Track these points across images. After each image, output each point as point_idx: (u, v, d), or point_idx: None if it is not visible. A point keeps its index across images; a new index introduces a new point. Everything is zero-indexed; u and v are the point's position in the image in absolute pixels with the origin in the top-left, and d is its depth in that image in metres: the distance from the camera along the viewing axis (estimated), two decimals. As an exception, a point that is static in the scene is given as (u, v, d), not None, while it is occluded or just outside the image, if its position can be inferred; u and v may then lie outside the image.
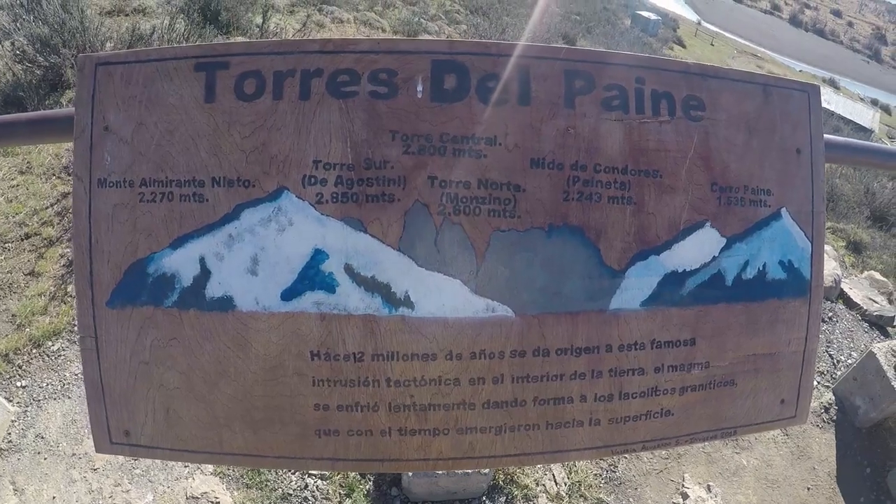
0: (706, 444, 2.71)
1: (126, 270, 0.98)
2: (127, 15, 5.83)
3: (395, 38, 2.22)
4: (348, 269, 0.96)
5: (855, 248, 4.96)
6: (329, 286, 0.96)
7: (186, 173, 0.97)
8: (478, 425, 1.04)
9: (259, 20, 5.39)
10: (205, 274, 0.96)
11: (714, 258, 1.08)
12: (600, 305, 1.02)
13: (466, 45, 0.96)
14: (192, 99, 0.98)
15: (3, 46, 4.37)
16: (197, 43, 4.49)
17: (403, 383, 1.00)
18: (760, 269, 1.13)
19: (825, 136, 1.25)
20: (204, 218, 0.96)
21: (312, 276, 0.96)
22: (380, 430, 1.02)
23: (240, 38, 5.20)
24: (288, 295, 0.96)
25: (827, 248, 3.95)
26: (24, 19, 4.14)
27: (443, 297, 0.97)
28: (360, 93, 0.94)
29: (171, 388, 1.01)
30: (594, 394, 1.06)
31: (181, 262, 0.97)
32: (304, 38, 1.23)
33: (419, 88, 0.95)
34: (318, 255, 0.96)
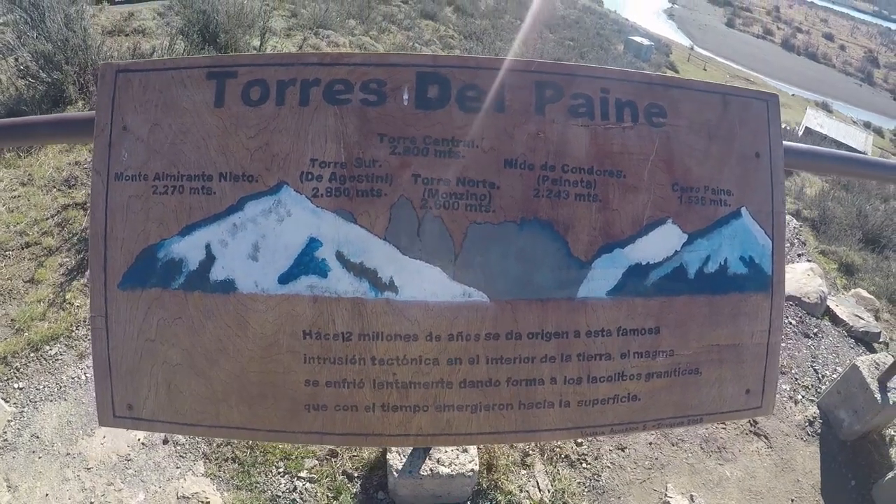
0: (689, 454, 2.80)
1: (138, 255, 1.11)
2: (127, 35, 6.02)
3: (384, 52, 2.38)
4: (339, 256, 1.08)
5: (847, 270, 5.08)
6: (322, 271, 1.08)
7: (196, 169, 1.10)
8: (455, 403, 1.15)
9: (256, 42, 5.58)
10: (210, 259, 1.09)
11: (676, 252, 1.20)
12: (568, 294, 1.14)
13: (448, 59, 1.10)
14: (203, 103, 1.11)
15: (6, 62, 4.53)
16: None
17: (387, 362, 1.12)
18: (722, 263, 1.24)
19: (786, 142, 1.37)
20: (211, 209, 1.09)
21: (307, 262, 1.08)
22: (364, 405, 1.13)
23: None
24: (284, 279, 1.08)
25: (813, 265, 4.08)
26: (27, 36, 4.29)
27: (424, 282, 1.10)
28: (353, 100, 1.08)
29: (173, 365, 1.12)
30: (564, 376, 1.18)
31: (189, 249, 1.09)
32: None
33: (405, 97, 1.09)
34: (313, 243, 1.08)
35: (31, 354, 2.91)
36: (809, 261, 4.44)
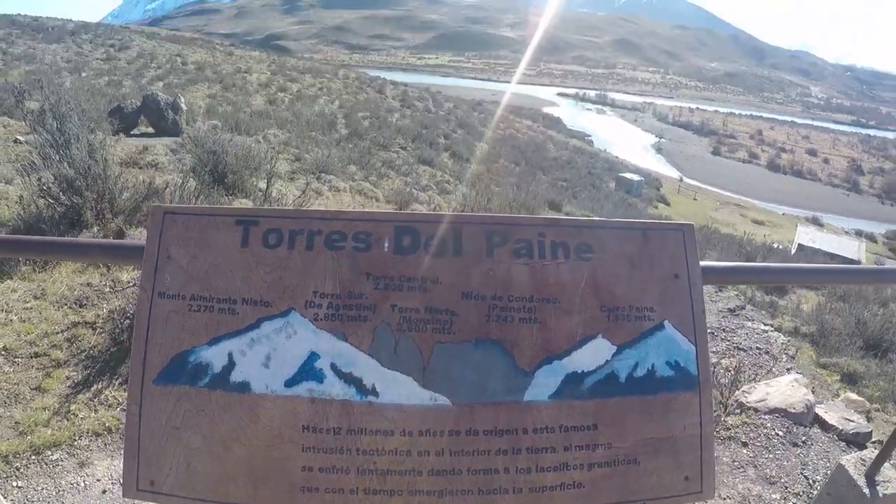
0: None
1: (172, 358, 1.51)
2: (141, 168, 6.82)
3: (371, 210, 2.91)
4: (333, 367, 1.48)
5: (850, 379, 5.34)
6: (319, 378, 1.48)
7: (225, 293, 1.52)
8: (425, 489, 1.50)
9: (263, 185, 6.24)
10: (231, 365, 1.49)
11: (607, 361, 1.58)
12: (516, 398, 1.53)
13: (418, 216, 1.56)
14: (232, 244, 1.56)
15: (29, 179, 5.15)
16: (208, 200, 5.26)
17: (369, 452, 1.48)
18: (650, 368, 1.60)
19: (703, 262, 1.77)
20: (234, 325, 1.50)
21: (308, 371, 1.48)
22: (350, 489, 1.49)
23: (244, 201, 5.99)
24: (290, 383, 1.48)
25: (797, 377, 4.39)
26: (52, 159, 4.94)
27: (399, 389, 1.49)
28: (347, 247, 1.53)
29: (193, 448, 1.49)
30: (515, 466, 1.53)
31: (214, 355, 1.49)
32: (309, 207, 1.84)
33: (386, 245, 1.53)
34: (313, 356, 1.49)
35: (33, 457, 3.22)
36: (799, 373, 4.77)
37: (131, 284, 4.32)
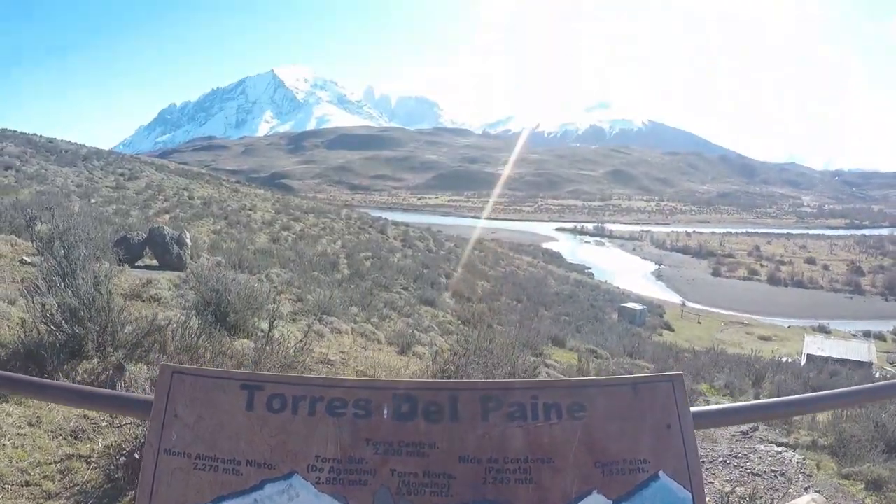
0: None
1: None
2: (143, 301, 7.05)
3: (370, 378, 3.07)
4: (335, 529, 1.54)
5: (875, 486, 5.20)
6: (321, 541, 1.53)
7: (229, 454, 1.60)
8: None
9: (265, 326, 6.32)
10: (234, 524, 1.54)
11: None
12: (515, 556, 1.56)
13: (415, 383, 1.68)
14: (237, 407, 1.65)
15: (33, 303, 5.28)
16: (210, 340, 5.39)
17: None
18: None
19: (694, 408, 1.83)
20: (238, 486, 1.57)
21: (309, 533, 1.53)
22: None
23: (246, 342, 6.12)
24: (292, 544, 1.52)
25: (815, 496, 4.31)
26: (57, 286, 5.09)
27: (399, 552, 1.53)
28: (347, 413, 1.63)
29: None
30: None
31: None
32: (310, 350, 1.97)
33: (385, 412, 1.63)
34: (314, 520, 1.54)
35: (18, 592, 3.11)
36: (818, 491, 4.66)
37: (129, 422, 4.31)
